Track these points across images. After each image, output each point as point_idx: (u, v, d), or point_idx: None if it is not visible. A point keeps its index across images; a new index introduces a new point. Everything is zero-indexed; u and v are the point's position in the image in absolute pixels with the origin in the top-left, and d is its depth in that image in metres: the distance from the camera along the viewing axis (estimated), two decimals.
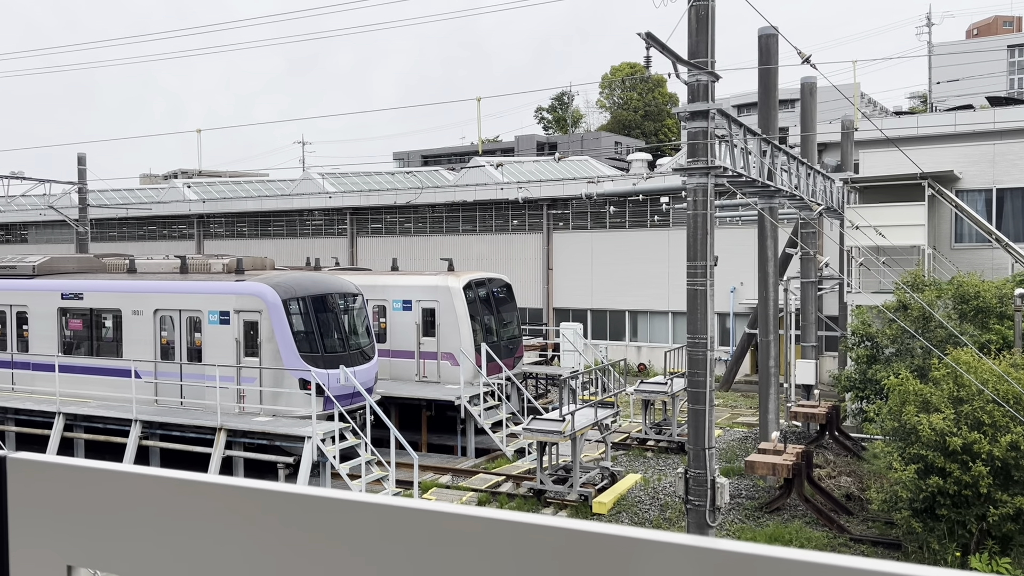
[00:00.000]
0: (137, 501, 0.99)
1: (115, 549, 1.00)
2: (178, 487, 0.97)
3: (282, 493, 0.92)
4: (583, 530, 0.76)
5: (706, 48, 13.79)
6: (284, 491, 0.92)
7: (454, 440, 22.57)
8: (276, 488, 0.93)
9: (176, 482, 0.98)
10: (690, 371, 14.61)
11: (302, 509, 0.90)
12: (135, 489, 1.00)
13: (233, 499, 0.94)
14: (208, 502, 0.95)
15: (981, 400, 13.03)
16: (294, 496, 0.91)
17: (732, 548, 0.71)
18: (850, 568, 0.68)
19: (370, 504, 0.87)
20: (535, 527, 0.79)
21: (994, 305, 17.71)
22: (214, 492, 0.95)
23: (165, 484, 0.98)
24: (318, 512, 0.89)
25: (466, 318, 22.74)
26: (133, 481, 1.00)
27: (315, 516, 0.89)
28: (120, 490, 1.01)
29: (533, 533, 0.78)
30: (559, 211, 37.75)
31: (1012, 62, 74.70)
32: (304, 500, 0.90)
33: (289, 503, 0.91)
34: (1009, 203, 23.41)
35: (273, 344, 18.41)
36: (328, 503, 0.89)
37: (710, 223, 14.31)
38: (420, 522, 0.84)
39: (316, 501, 0.90)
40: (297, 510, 0.90)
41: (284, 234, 44.83)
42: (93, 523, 1.01)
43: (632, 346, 35.98)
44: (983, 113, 29.61)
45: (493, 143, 77.75)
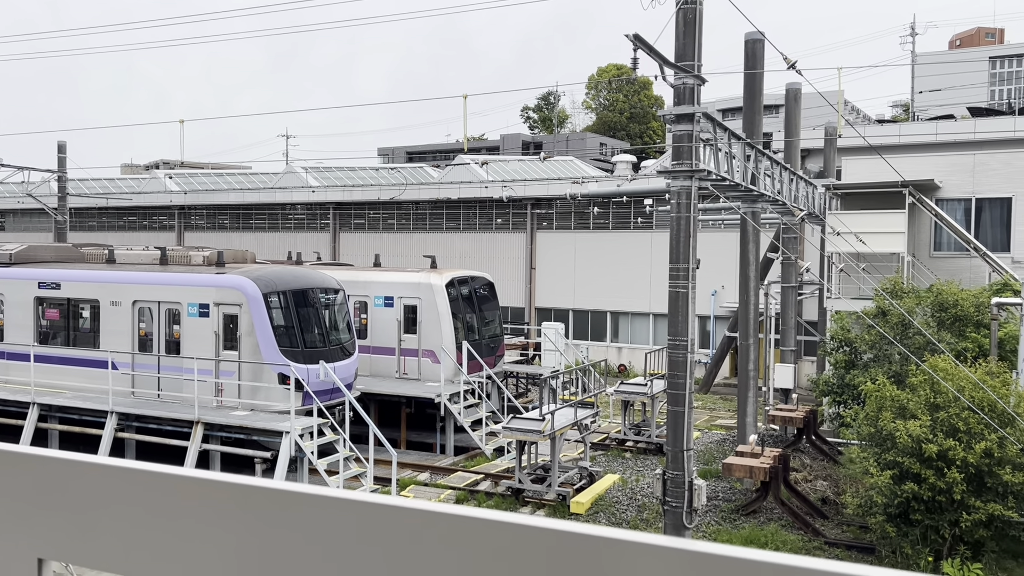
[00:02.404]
0: (111, 494, 0.97)
1: (88, 543, 0.98)
2: (153, 480, 0.96)
3: (258, 488, 0.91)
4: (563, 530, 0.76)
5: (693, 51, 13.84)
6: (260, 486, 0.91)
7: (433, 438, 22.52)
8: (252, 483, 0.91)
9: (151, 475, 0.96)
10: (670, 373, 14.66)
11: (279, 505, 0.89)
12: (109, 482, 0.98)
13: (209, 493, 0.92)
14: (184, 496, 0.94)
15: (957, 407, 13.17)
16: (270, 491, 0.90)
17: (708, 550, 0.71)
18: (825, 571, 0.68)
19: (347, 501, 0.86)
20: (516, 526, 0.78)
21: (971, 314, 17.91)
22: (190, 486, 0.93)
23: (140, 477, 0.97)
24: (295, 508, 0.88)
25: (448, 316, 22.70)
26: (107, 473, 0.98)
27: (292, 512, 0.88)
28: (94, 483, 0.99)
29: (514, 532, 0.78)
30: (543, 211, 37.77)
31: (993, 73, 75.62)
32: (281, 495, 0.89)
33: (266, 498, 0.90)
34: (987, 213, 23.69)
35: (253, 338, 18.29)
36: (305, 499, 0.88)
37: (693, 226, 14.36)
38: (399, 520, 0.83)
39: (293, 496, 0.89)
40: (274, 505, 0.89)
41: (266, 228, 44.55)
42: (65, 516, 0.99)
43: (613, 347, 36.07)
44: (964, 123, 29.96)
45: (479, 141, 77.69)
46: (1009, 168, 23.46)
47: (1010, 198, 23.28)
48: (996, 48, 78.54)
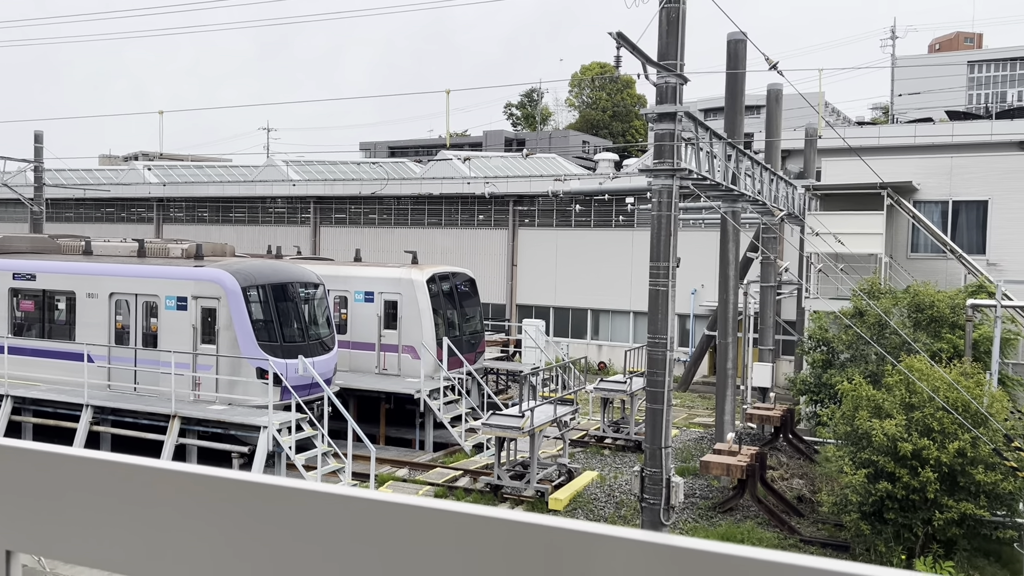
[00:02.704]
0: (81, 485, 0.96)
1: (58, 534, 0.97)
2: (124, 472, 0.95)
3: (231, 480, 0.90)
4: (539, 524, 0.76)
5: (676, 51, 13.89)
6: (232, 478, 0.90)
7: (412, 434, 22.48)
8: (224, 475, 0.91)
9: (123, 467, 0.95)
10: (649, 371, 14.72)
11: (252, 497, 0.88)
12: (79, 473, 0.97)
13: (182, 485, 0.92)
14: (156, 488, 0.93)
15: (932, 407, 13.34)
16: (244, 483, 0.89)
17: (683, 544, 0.72)
18: (797, 566, 0.70)
19: (319, 493, 0.86)
20: (493, 520, 0.78)
21: (947, 315, 18.14)
22: (162, 477, 0.93)
23: (111, 468, 0.95)
24: (269, 500, 0.87)
25: (429, 312, 22.65)
26: (77, 464, 0.97)
27: (266, 504, 0.87)
28: (64, 474, 0.98)
29: (490, 527, 0.78)
30: (525, 208, 37.78)
31: (971, 78, 76.57)
32: (254, 488, 0.89)
33: (238, 490, 0.89)
34: (964, 215, 23.98)
35: (231, 332, 18.16)
36: (278, 491, 0.88)
37: (674, 225, 14.42)
38: (378, 514, 0.83)
39: (267, 489, 0.88)
40: (247, 498, 0.88)
41: (246, 221, 44.22)
42: (35, 507, 0.98)
43: (593, 344, 36.17)
44: (942, 126, 30.29)
45: (461, 137, 77.57)
46: (985, 171, 23.76)
47: (986, 201, 23.58)
48: (974, 53, 79.51)
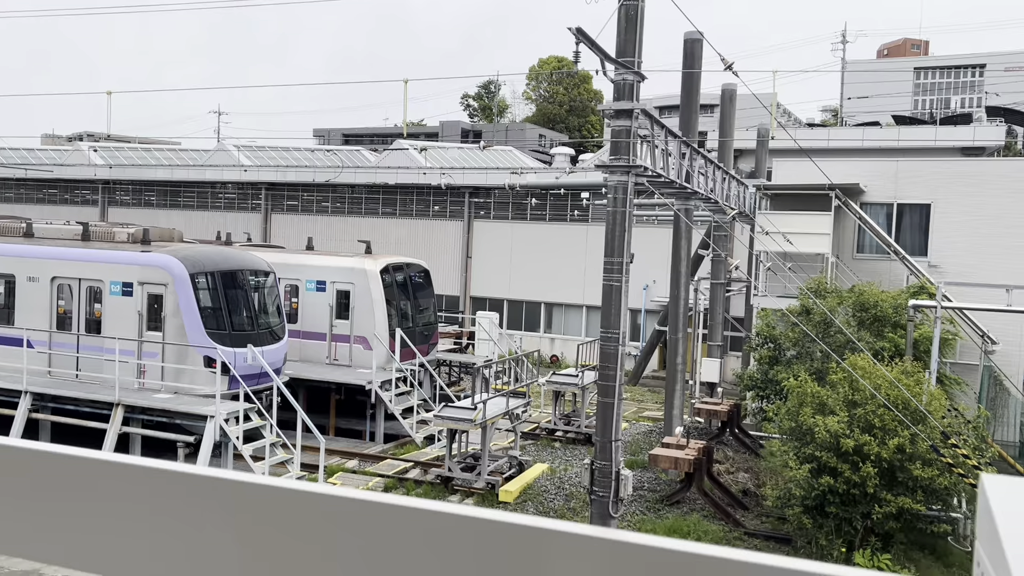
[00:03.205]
0: (20, 475, 0.94)
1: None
2: (62, 463, 0.92)
3: (177, 473, 0.89)
4: (491, 519, 0.77)
5: (634, 48, 13.98)
6: (179, 471, 0.89)
7: (363, 425, 22.32)
8: (173, 468, 0.89)
9: (59, 457, 0.93)
10: (601, 364, 14.85)
11: (202, 490, 0.87)
12: (18, 463, 0.94)
13: (130, 477, 0.90)
14: (97, 479, 0.91)
15: (873, 404, 13.71)
16: (190, 476, 0.88)
17: (625, 539, 0.74)
18: (737, 562, 0.71)
19: (267, 487, 0.85)
20: (448, 515, 0.78)
21: (890, 315, 18.64)
22: (101, 468, 0.91)
23: (48, 459, 0.93)
24: (221, 494, 0.87)
25: (382, 302, 22.49)
26: (15, 455, 0.94)
27: (219, 498, 0.87)
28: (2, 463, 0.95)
29: (445, 521, 0.78)
30: (481, 200, 37.71)
31: (918, 83, 78.65)
32: (205, 482, 0.88)
33: (186, 483, 0.88)
34: (908, 218, 24.65)
35: (178, 319, 17.80)
36: (225, 485, 0.87)
37: (628, 220, 14.54)
38: (325, 507, 0.83)
39: (217, 483, 0.87)
40: (197, 491, 0.88)
41: (195, 206, 43.31)
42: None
43: (546, 338, 36.33)
44: (889, 130, 31.04)
45: (417, 127, 77.05)
46: (929, 176, 24.44)
47: (929, 204, 24.26)
48: (921, 59, 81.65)
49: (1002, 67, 72.44)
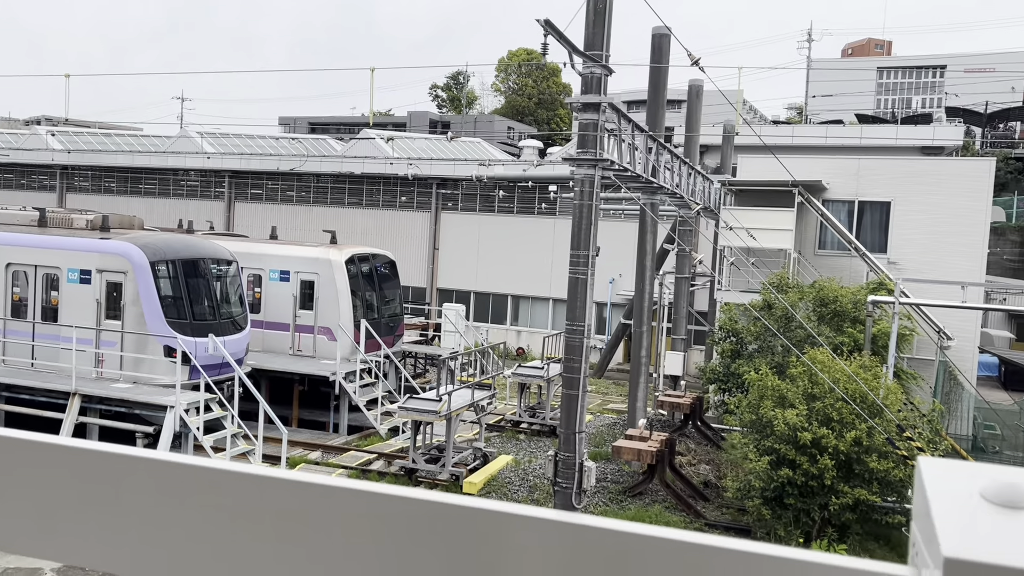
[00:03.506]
0: None
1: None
2: (13, 447, 0.91)
3: (132, 457, 0.88)
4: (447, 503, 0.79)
5: (602, 41, 14.01)
6: (133, 455, 0.88)
7: (327, 417, 22.17)
8: (127, 452, 0.88)
9: (15, 442, 0.91)
10: (566, 357, 14.91)
11: (155, 474, 0.88)
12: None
13: (86, 463, 0.89)
14: (48, 464, 0.90)
15: (832, 398, 13.94)
16: (127, 457, 0.89)
17: (581, 522, 0.75)
18: (672, 540, 0.73)
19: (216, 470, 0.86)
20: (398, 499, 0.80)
21: (849, 310, 18.96)
22: (50, 452, 0.89)
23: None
24: (177, 478, 0.87)
25: (347, 293, 22.32)
26: None
27: (174, 482, 0.87)
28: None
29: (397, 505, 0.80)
30: (449, 191, 37.58)
31: (880, 83, 79.95)
32: (158, 465, 0.88)
33: (140, 467, 0.88)
34: (869, 215, 25.06)
35: (138, 307, 17.50)
36: (175, 468, 0.87)
37: (595, 214, 14.60)
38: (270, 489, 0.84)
39: (168, 466, 0.88)
40: (151, 474, 0.88)
41: (156, 193, 42.57)
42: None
43: (513, 330, 36.38)
44: (852, 128, 31.50)
45: (385, 117, 76.48)
46: (889, 174, 24.87)
47: (889, 202, 24.69)
48: (884, 59, 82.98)
49: (962, 69, 73.95)
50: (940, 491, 0.70)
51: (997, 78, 69.83)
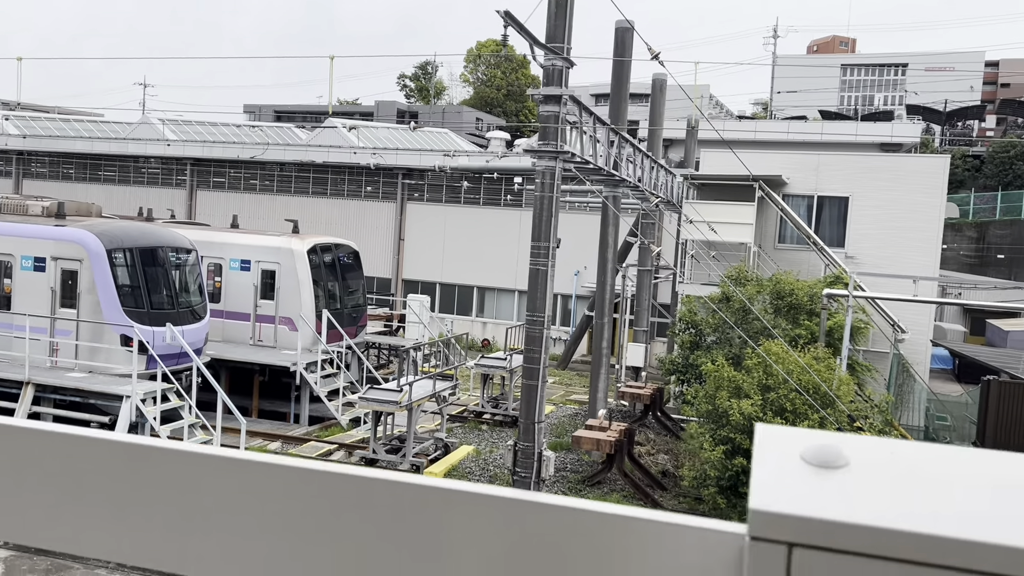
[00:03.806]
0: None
1: None
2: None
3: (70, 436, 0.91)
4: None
5: (563, 34, 14.07)
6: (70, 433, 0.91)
7: (288, 407, 22.05)
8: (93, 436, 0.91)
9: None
10: (527, 347, 15.02)
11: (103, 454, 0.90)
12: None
13: (38, 444, 0.92)
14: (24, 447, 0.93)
15: (786, 388, 14.20)
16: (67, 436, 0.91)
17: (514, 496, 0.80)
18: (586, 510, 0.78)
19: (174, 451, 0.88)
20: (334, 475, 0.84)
21: (805, 303, 19.28)
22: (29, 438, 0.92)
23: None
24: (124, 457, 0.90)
25: (308, 283, 22.18)
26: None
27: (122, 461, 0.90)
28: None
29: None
30: (415, 181, 37.44)
31: (844, 80, 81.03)
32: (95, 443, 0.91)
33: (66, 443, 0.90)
34: (827, 210, 25.48)
35: (93, 296, 17.25)
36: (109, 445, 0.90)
37: (555, 206, 14.69)
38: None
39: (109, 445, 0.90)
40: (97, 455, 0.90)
41: (116, 180, 41.83)
42: None
43: (478, 321, 36.40)
44: (813, 124, 31.94)
45: (352, 106, 75.90)
46: (848, 170, 25.29)
47: (847, 197, 25.11)
48: (848, 56, 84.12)
49: (923, 67, 75.23)
50: (766, 453, 0.75)
51: (956, 77, 71.22)
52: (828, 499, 0.67)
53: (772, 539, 0.65)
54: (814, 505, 0.65)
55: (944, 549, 0.62)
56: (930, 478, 0.72)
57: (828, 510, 0.65)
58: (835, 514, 0.64)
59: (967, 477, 0.72)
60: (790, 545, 0.65)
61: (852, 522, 0.64)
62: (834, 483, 0.70)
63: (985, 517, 0.65)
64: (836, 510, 0.65)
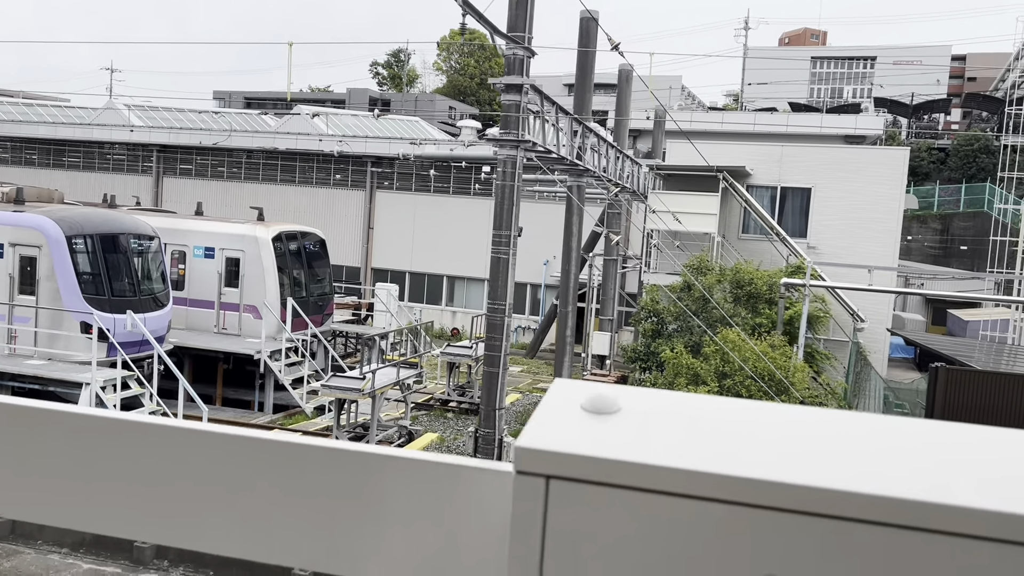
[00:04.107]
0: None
1: None
2: None
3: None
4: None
5: (524, 23, 14.14)
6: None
7: (252, 395, 21.99)
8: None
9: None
10: (488, 335, 15.14)
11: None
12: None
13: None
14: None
15: (742, 375, 14.47)
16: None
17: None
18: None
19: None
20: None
21: (764, 292, 19.59)
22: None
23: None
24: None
25: (273, 271, 22.10)
26: None
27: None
28: None
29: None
30: (384, 170, 37.31)
31: (814, 72, 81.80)
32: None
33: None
34: (790, 201, 25.82)
35: (53, 283, 17.09)
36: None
37: (517, 194, 14.79)
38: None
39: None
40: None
41: (81, 167, 41.24)
42: None
43: (448, 311, 36.44)
44: (778, 116, 32.29)
45: (324, 93, 75.34)
46: (811, 161, 25.64)
47: (810, 188, 25.47)
48: (818, 49, 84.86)
49: (891, 61, 76.14)
50: (551, 402, 0.81)
51: (923, 71, 72.18)
52: (584, 438, 0.74)
53: (533, 472, 0.72)
54: (569, 443, 0.73)
55: (674, 479, 0.69)
56: (695, 422, 0.78)
57: (580, 447, 0.72)
58: (586, 450, 0.72)
59: (735, 423, 0.78)
60: (547, 477, 0.72)
61: (599, 456, 0.71)
62: (599, 425, 0.76)
63: (723, 452, 0.71)
64: (587, 447, 0.72)
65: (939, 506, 0.64)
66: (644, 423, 0.78)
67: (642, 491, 0.70)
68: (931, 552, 0.65)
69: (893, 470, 0.70)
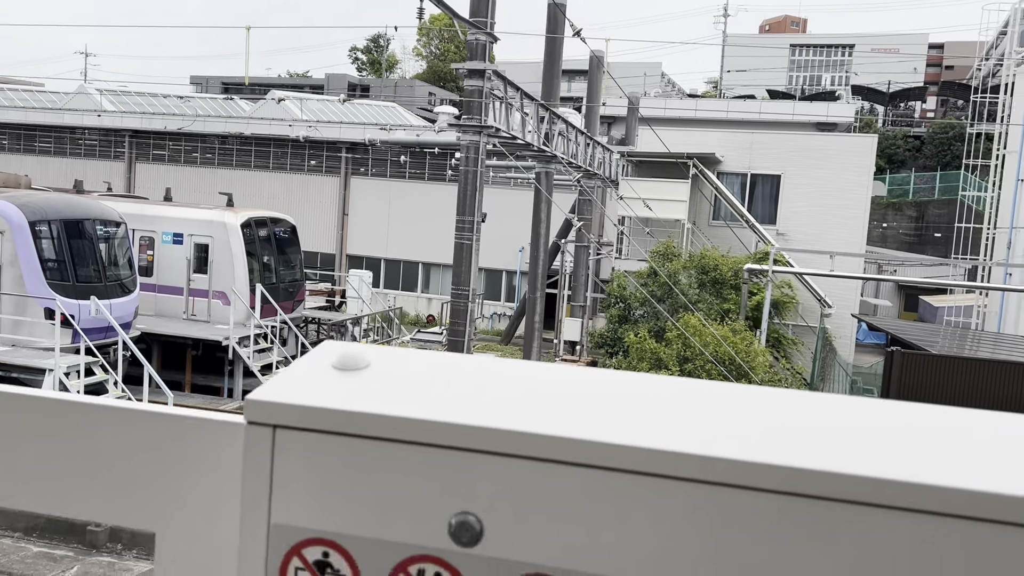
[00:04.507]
0: None
1: None
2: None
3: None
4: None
5: (487, 9, 14.15)
6: None
7: (222, 382, 21.96)
8: None
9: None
10: (452, 320, 15.22)
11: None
12: None
13: None
14: None
15: (702, 360, 14.64)
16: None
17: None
18: None
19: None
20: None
21: (728, 277, 19.77)
22: None
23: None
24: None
25: (242, 257, 22.02)
26: None
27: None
28: None
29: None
30: (359, 156, 37.17)
31: (793, 60, 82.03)
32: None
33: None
34: (760, 187, 26.00)
35: (16, 268, 16.96)
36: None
37: (480, 180, 14.84)
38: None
39: None
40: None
41: (52, 152, 40.78)
42: None
43: (424, 297, 36.45)
44: (751, 103, 32.44)
45: (302, 78, 74.79)
46: (781, 148, 25.81)
47: (779, 175, 25.66)
48: (797, 36, 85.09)
49: (869, 48, 76.49)
50: (307, 360, 0.86)
51: (900, 59, 72.58)
52: (313, 390, 0.78)
53: (260, 423, 0.77)
54: (295, 395, 0.78)
55: (381, 424, 0.74)
56: (436, 380, 0.83)
57: (303, 398, 0.77)
58: (307, 400, 0.77)
59: (477, 381, 0.83)
60: (274, 427, 0.76)
61: (316, 405, 0.76)
62: (337, 380, 0.81)
63: (438, 402, 0.76)
64: (310, 398, 0.77)
65: (703, 458, 0.65)
66: (385, 379, 0.82)
67: (356, 437, 0.75)
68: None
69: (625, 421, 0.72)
